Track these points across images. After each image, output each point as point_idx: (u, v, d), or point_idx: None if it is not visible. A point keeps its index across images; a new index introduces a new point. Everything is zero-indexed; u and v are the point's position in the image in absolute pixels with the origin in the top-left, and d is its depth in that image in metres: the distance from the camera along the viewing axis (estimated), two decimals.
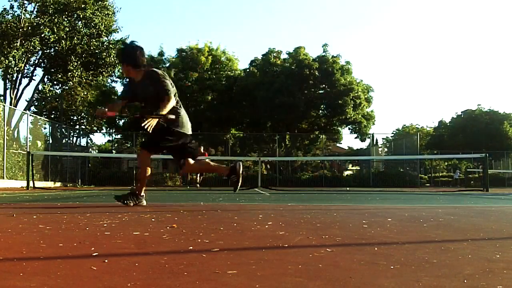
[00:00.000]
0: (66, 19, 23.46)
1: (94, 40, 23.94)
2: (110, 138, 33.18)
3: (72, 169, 22.92)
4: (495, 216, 3.69)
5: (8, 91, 23.49)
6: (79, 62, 23.99)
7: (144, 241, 2.01)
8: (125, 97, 4.68)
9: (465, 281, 1.27)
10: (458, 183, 26.55)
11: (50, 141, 21.28)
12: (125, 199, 4.40)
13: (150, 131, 4.06)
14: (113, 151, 30.66)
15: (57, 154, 20.31)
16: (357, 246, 1.95)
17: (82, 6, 23.03)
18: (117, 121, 28.42)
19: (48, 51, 24.09)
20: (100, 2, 24.19)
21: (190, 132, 4.49)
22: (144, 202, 4.49)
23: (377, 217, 3.44)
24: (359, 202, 5.98)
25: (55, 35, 22.39)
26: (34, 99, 27.86)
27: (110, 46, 24.75)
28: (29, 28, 22.11)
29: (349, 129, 29.17)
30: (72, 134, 26.54)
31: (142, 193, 4.50)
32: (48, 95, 29.31)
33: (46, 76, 25.67)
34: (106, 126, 30.36)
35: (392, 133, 48.23)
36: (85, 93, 29.20)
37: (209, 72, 26.66)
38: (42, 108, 31.62)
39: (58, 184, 19.14)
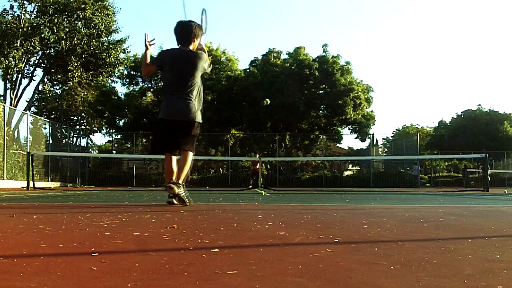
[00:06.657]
0: (66, 19, 23.42)
1: (94, 40, 23.88)
2: (110, 139, 33.22)
3: (72, 170, 22.93)
4: (495, 216, 3.68)
5: (8, 92, 23.45)
6: (79, 62, 23.94)
7: (144, 241, 2.01)
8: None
9: (465, 281, 1.27)
10: None
11: (50, 142, 21.27)
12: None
13: None
14: (113, 152, 30.67)
15: (57, 155, 20.30)
16: (357, 246, 1.95)
17: (82, 6, 22.98)
18: (117, 122, 28.43)
19: (48, 51, 24.03)
20: (100, 2, 24.12)
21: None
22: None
23: (377, 217, 3.44)
24: (359, 202, 5.98)
25: (55, 35, 22.34)
26: (34, 99, 27.84)
27: (110, 46, 24.71)
28: (29, 28, 22.06)
29: (349, 129, 29.19)
30: (72, 134, 26.54)
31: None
32: (48, 95, 29.29)
33: (46, 76, 25.61)
34: (106, 126, 30.37)
35: (392, 133, 48.30)
36: (85, 93, 29.19)
37: (209, 73, 26.69)
38: (42, 108, 31.62)
39: (58, 184, 19.13)
